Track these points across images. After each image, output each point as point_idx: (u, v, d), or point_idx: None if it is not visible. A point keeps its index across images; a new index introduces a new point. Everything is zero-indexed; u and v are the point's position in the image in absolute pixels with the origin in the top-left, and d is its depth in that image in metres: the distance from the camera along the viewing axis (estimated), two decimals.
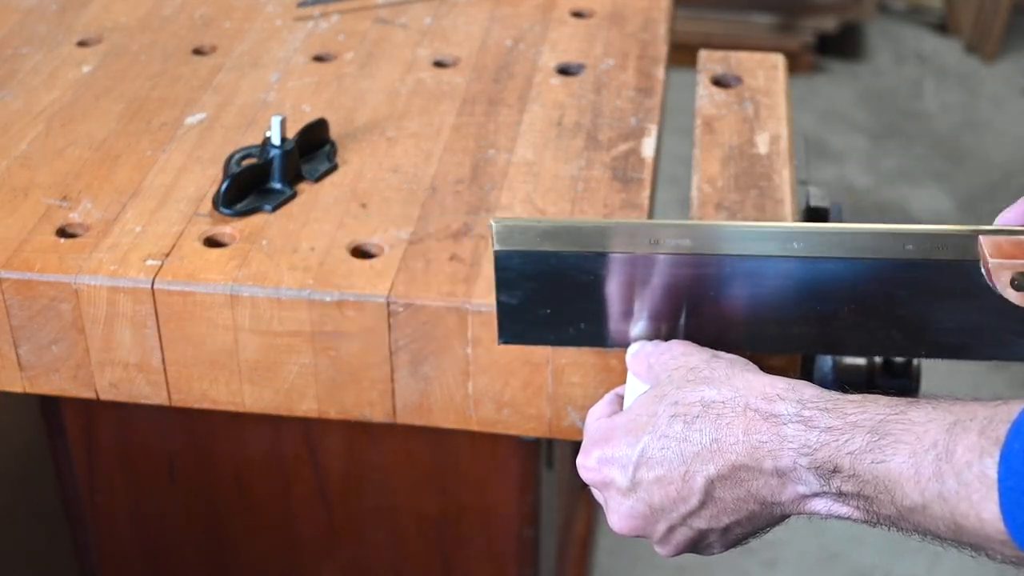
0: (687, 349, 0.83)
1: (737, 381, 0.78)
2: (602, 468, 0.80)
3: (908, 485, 0.68)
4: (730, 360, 0.81)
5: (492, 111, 1.18)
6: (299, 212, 1.04)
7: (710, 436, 0.76)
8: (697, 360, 0.81)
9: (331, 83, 1.22)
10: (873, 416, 0.71)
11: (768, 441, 0.74)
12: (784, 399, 0.75)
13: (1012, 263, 0.81)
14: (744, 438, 0.75)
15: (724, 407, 0.77)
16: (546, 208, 1.04)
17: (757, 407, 0.75)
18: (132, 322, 0.97)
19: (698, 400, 0.78)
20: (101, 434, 1.24)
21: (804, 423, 0.73)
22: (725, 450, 0.75)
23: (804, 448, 0.73)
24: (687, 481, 0.77)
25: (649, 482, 0.78)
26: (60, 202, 1.05)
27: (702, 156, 1.09)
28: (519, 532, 1.22)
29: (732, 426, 0.75)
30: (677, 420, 0.77)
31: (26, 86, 1.21)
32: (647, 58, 1.26)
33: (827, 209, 1.13)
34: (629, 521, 0.80)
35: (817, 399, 0.75)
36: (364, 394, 0.98)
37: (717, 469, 0.76)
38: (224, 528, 1.30)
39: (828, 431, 0.72)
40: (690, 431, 0.77)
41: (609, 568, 2.01)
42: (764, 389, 0.76)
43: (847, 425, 0.72)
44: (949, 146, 3.17)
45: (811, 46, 3.46)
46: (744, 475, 0.75)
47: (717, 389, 0.78)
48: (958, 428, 0.67)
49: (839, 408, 0.73)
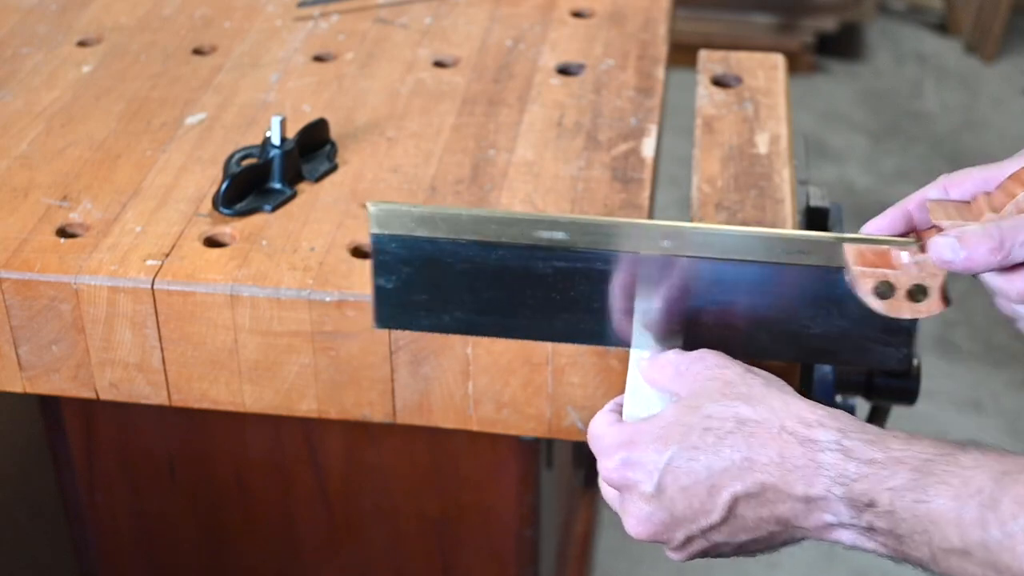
0: (721, 361, 0.82)
1: (774, 401, 0.78)
2: (626, 471, 0.79)
3: (949, 528, 0.68)
4: (766, 378, 0.81)
5: (492, 111, 1.18)
6: (299, 212, 1.04)
7: (742, 453, 0.76)
8: (732, 374, 0.81)
9: (331, 83, 1.22)
10: (918, 455, 0.71)
11: (803, 466, 0.74)
12: (824, 426, 0.75)
13: (874, 271, 0.82)
14: (777, 460, 0.74)
15: (759, 426, 0.76)
16: (546, 208, 1.04)
17: (794, 430, 0.75)
18: (132, 322, 0.97)
19: (732, 416, 0.77)
20: (101, 434, 1.24)
21: (844, 452, 0.73)
22: (756, 469, 0.75)
23: (841, 477, 0.72)
24: (712, 495, 0.76)
25: (674, 491, 0.77)
26: (60, 202, 1.05)
27: (702, 156, 1.09)
28: (519, 532, 1.22)
29: (766, 446, 0.75)
30: (710, 433, 0.77)
31: (26, 86, 1.21)
32: (647, 58, 1.26)
33: (827, 209, 1.13)
34: (647, 526, 0.79)
35: (859, 430, 0.74)
36: (364, 394, 0.98)
37: (745, 487, 0.75)
38: (224, 528, 1.30)
39: (869, 464, 0.72)
40: (722, 446, 0.76)
41: (609, 568, 2.01)
42: (802, 413, 0.76)
43: (890, 460, 0.71)
44: (949, 146, 3.17)
45: (811, 46, 3.46)
46: (771, 496, 0.75)
47: (753, 407, 0.77)
48: (1007, 479, 0.67)
49: (882, 442, 0.73)
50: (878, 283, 0.82)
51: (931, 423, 2.34)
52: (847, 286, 0.83)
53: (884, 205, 0.87)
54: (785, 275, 0.84)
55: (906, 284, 0.82)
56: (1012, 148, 0.85)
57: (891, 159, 3.13)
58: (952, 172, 0.84)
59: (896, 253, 0.82)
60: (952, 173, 0.84)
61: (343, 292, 0.94)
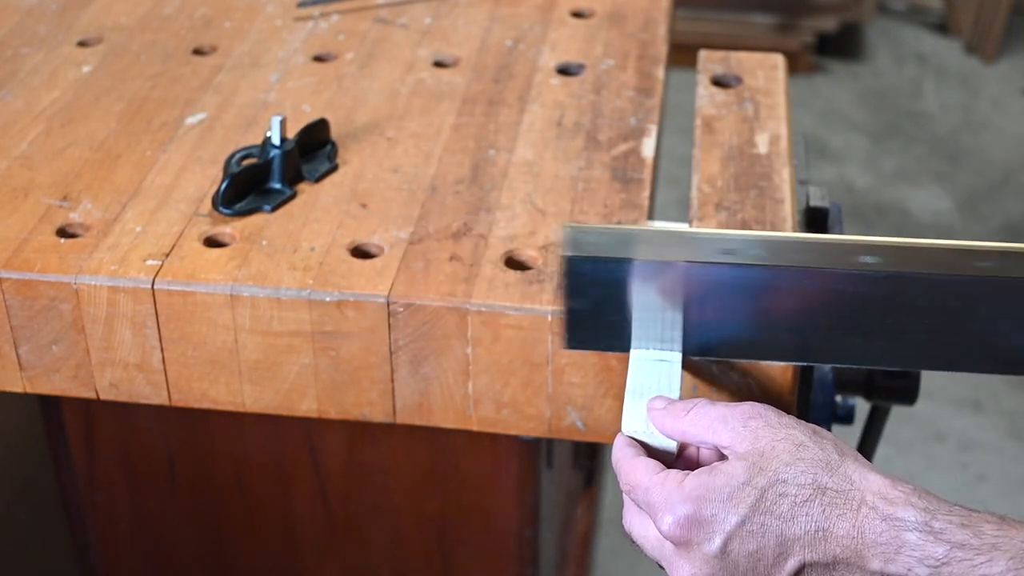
0: (783, 419, 0.78)
1: (852, 472, 0.75)
2: (691, 529, 0.76)
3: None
4: (835, 441, 0.78)
5: (492, 111, 1.18)
6: (299, 212, 1.04)
7: (817, 524, 0.73)
8: (802, 436, 0.77)
9: (331, 83, 1.22)
10: (1018, 541, 0.69)
11: (884, 543, 0.71)
12: (910, 504, 0.72)
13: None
14: (855, 534, 0.72)
15: (838, 496, 0.74)
16: (546, 208, 1.04)
17: (875, 505, 0.73)
18: (132, 322, 0.97)
19: (811, 483, 0.74)
20: (101, 434, 1.24)
21: (932, 534, 0.71)
22: (830, 541, 0.73)
23: (928, 559, 0.70)
24: (779, 562, 0.74)
25: (739, 555, 0.75)
26: (60, 202, 1.05)
27: (702, 156, 1.09)
28: (519, 532, 1.22)
29: (843, 518, 0.73)
30: (785, 500, 0.74)
31: (26, 86, 1.21)
32: (647, 58, 1.26)
33: (827, 209, 1.13)
34: None
35: (947, 509, 0.72)
36: (364, 394, 0.98)
37: (815, 557, 0.73)
38: (224, 528, 1.30)
39: (962, 548, 0.69)
40: (797, 513, 0.74)
41: (609, 568, 2.01)
42: (884, 489, 0.73)
43: (985, 546, 0.69)
44: (949, 146, 3.17)
45: (811, 46, 3.47)
46: (843, 571, 0.73)
47: (831, 475, 0.75)
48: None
49: (975, 525, 0.70)
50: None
51: (931, 423, 2.34)
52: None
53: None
54: (994, 287, 0.80)
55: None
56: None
57: (891, 159, 3.13)
58: None
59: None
60: None
61: (343, 292, 0.94)
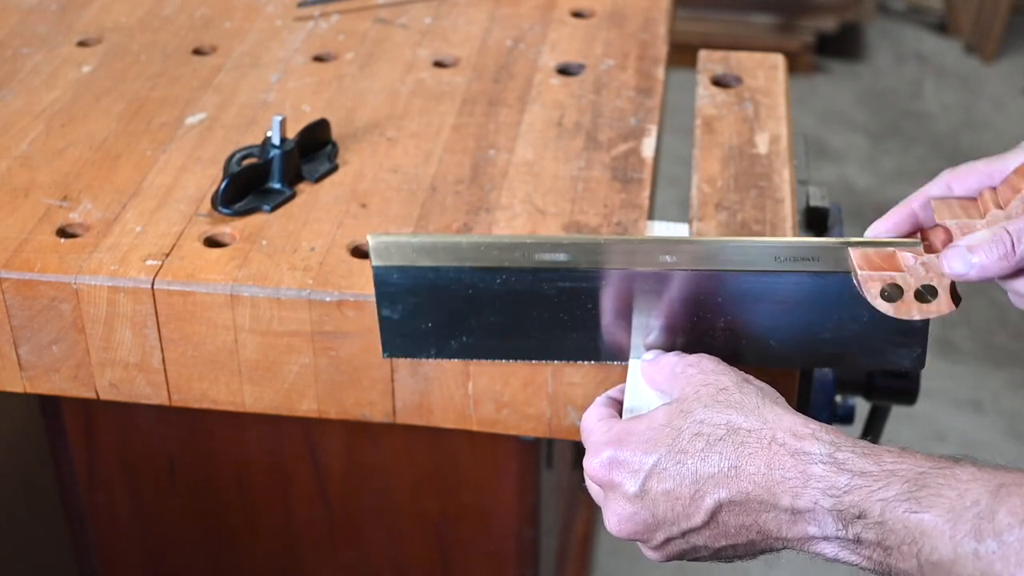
0: (718, 367, 0.83)
1: (767, 412, 0.78)
2: (612, 470, 0.80)
3: (941, 539, 0.68)
4: (760, 388, 0.81)
5: (492, 111, 1.18)
6: (299, 212, 1.04)
7: (730, 461, 0.76)
8: (728, 381, 0.81)
9: (331, 83, 1.22)
10: (913, 467, 0.71)
11: (791, 478, 0.74)
12: (817, 439, 0.75)
13: (881, 275, 0.82)
14: (765, 470, 0.75)
15: (750, 435, 0.76)
16: (546, 208, 1.04)
17: (784, 442, 0.75)
18: (132, 322, 0.97)
19: (724, 423, 0.78)
20: (101, 434, 1.24)
21: (835, 464, 0.73)
22: (742, 478, 0.75)
23: (831, 489, 0.72)
24: (696, 500, 0.77)
25: (657, 493, 0.78)
26: (60, 202, 1.05)
27: (702, 156, 1.09)
28: (519, 532, 1.22)
29: (755, 456, 0.75)
30: (699, 439, 0.77)
31: (26, 86, 1.21)
32: (647, 58, 1.26)
33: (827, 209, 1.13)
34: (628, 525, 0.80)
35: (852, 444, 0.74)
36: (364, 394, 0.98)
37: (730, 495, 0.76)
38: (224, 528, 1.30)
39: (862, 475, 0.72)
40: (710, 452, 0.77)
41: (609, 568, 2.01)
42: (795, 426, 0.76)
43: (883, 472, 0.71)
44: (949, 146, 3.17)
45: (811, 46, 3.46)
46: (756, 506, 0.75)
47: (745, 416, 0.77)
48: (1003, 492, 0.67)
49: (875, 454, 0.73)
50: (885, 286, 0.82)
51: (931, 423, 2.34)
52: (855, 290, 0.83)
53: (884, 205, 0.87)
54: (791, 282, 0.84)
55: (913, 285, 0.82)
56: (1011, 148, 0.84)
57: (891, 159, 3.13)
58: (955, 167, 0.84)
59: (901, 255, 0.82)
60: (955, 168, 0.84)
61: (343, 292, 0.94)
